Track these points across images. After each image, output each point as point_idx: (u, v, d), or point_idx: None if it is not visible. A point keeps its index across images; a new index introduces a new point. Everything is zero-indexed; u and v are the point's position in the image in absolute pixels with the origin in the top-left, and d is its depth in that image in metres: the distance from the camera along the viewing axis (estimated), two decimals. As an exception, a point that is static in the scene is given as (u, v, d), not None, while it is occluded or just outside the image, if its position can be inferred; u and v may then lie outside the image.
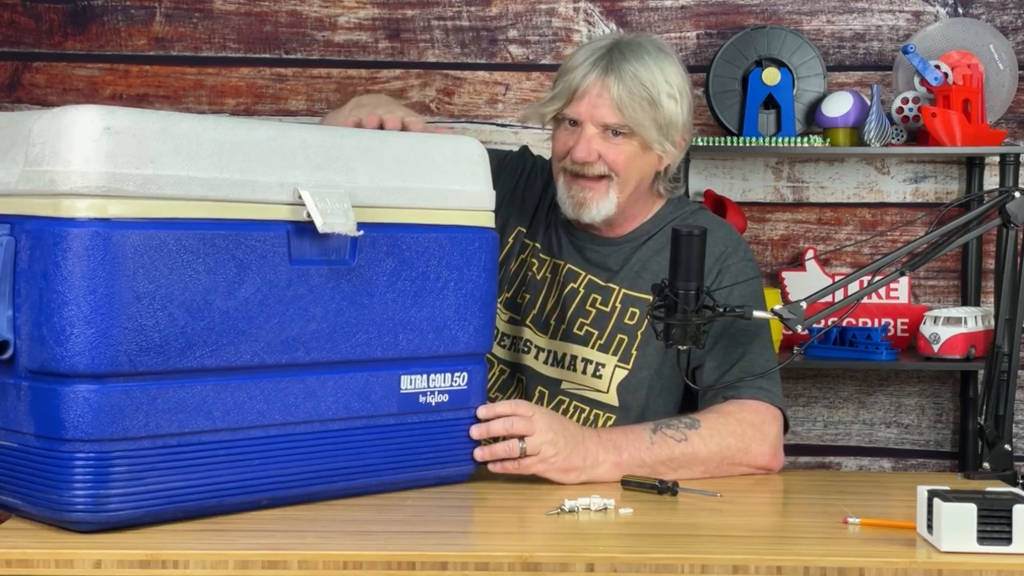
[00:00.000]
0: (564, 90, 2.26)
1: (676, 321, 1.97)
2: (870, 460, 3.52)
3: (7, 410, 1.74)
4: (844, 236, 3.50)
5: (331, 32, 3.47)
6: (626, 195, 2.28)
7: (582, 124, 2.25)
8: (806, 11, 3.47)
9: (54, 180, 1.67)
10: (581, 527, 1.83)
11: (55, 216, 1.67)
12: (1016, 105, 3.43)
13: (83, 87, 3.47)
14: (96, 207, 1.67)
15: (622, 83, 2.22)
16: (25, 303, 1.69)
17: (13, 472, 1.75)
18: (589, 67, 2.24)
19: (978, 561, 1.65)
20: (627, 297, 2.32)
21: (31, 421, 1.71)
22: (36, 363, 1.69)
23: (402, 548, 1.67)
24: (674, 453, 2.10)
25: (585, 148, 2.24)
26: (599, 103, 2.23)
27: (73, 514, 1.69)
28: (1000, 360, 2.18)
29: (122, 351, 1.69)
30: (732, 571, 1.64)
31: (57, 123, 1.68)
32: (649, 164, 2.30)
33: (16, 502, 1.77)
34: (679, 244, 1.96)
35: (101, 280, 1.67)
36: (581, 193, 2.27)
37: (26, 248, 1.69)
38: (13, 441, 1.74)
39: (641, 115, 2.23)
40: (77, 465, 1.69)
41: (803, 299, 2.05)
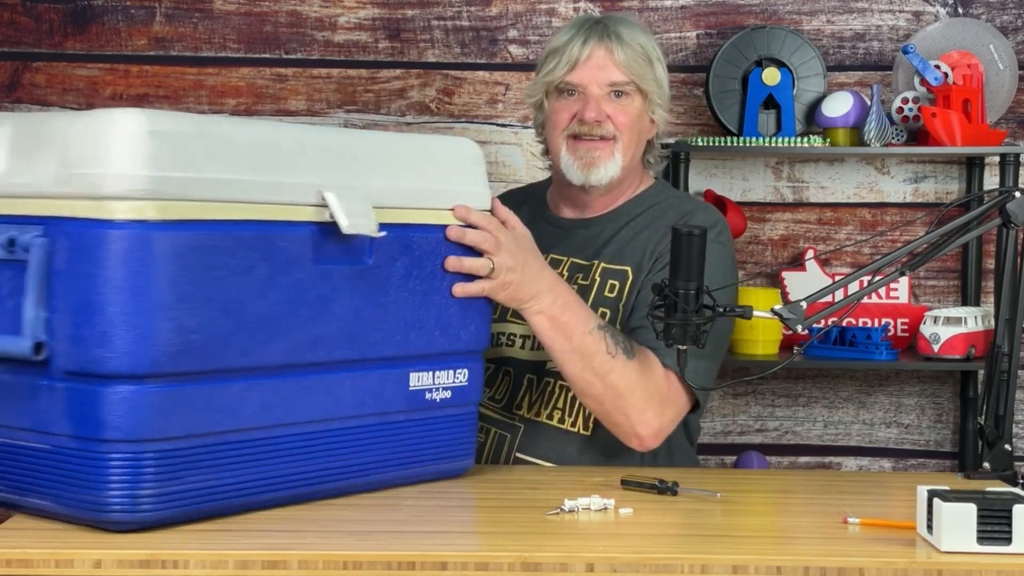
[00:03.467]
0: (565, 60, 2.36)
1: (676, 321, 1.97)
2: (870, 460, 3.52)
3: (38, 411, 1.74)
4: (844, 236, 3.50)
5: (331, 32, 3.47)
6: (629, 157, 2.38)
7: (586, 89, 2.35)
8: (806, 11, 3.47)
9: (95, 183, 1.68)
10: (581, 527, 1.83)
11: (97, 218, 1.68)
12: (1016, 105, 3.43)
13: (83, 87, 3.47)
14: (138, 209, 1.68)
15: (622, 44, 2.35)
16: (62, 304, 1.70)
17: (42, 473, 1.76)
18: (587, 35, 2.37)
19: (978, 561, 1.65)
20: (606, 270, 2.35)
21: (67, 422, 1.71)
22: (75, 364, 1.70)
23: (402, 548, 1.67)
24: (596, 356, 2.14)
25: (595, 107, 2.34)
26: (605, 64, 2.35)
27: (109, 514, 1.71)
28: (1000, 360, 2.18)
29: (162, 352, 1.70)
30: (732, 571, 1.64)
31: (98, 126, 1.70)
32: (645, 129, 2.41)
33: (44, 503, 1.77)
34: (679, 244, 1.96)
35: (143, 282, 1.68)
36: (589, 153, 2.36)
37: (64, 250, 1.70)
38: (44, 442, 1.74)
39: (643, 71, 2.36)
40: (114, 465, 1.70)
41: (803, 299, 2.05)
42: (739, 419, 3.53)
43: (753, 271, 3.50)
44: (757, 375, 2.94)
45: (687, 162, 3.30)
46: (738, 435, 3.53)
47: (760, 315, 2.06)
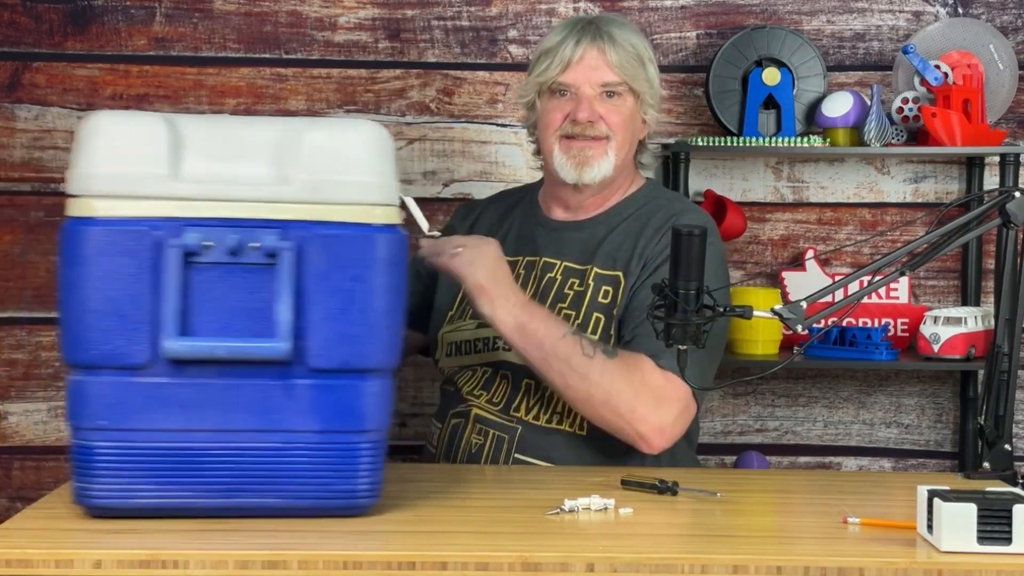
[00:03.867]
0: (558, 60, 2.37)
1: (676, 321, 1.98)
2: (870, 460, 3.52)
3: (280, 411, 1.79)
4: (844, 236, 3.50)
5: (331, 32, 3.47)
6: (622, 156, 2.39)
7: (579, 89, 2.36)
8: (806, 11, 3.47)
9: (347, 190, 1.80)
10: (581, 527, 1.83)
11: (360, 223, 1.80)
12: (1016, 105, 3.43)
13: (83, 87, 3.47)
14: (390, 214, 1.83)
15: (615, 44, 2.37)
16: (318, 305, 1.78)
17: (277, 471, 1.80)
18: (579, 36, 2.38)
19: (978, 561, 1.65)
20: (599, 276, 2.35)
21: (316, 417, 1.79)
22: (334, 362, 1.78)
23: (402, 548, 1.67)
24: (572, 360, 2.13)
25: (588, 108, 2.35)
26: (598, 64, 2.36)
27: (360, 500, 1.82)
28: (1000, 360, 2.18)
29: (398, 347, 1.85)
30: (732, 571, 1.64)
31: (345, 137, 1.82)
32: (637, 129, 2.43)
33: (272, 501, 1.80)
34: (679, 244, 1.96)
35: (398, 281, 1.83)
36: (582, 152, 2.37)
37: (319, 252, 1.77)
38: (282, 440, 1.80)
39: (635, 71, 2.38)
40: (364, 454, 1.82)
41: (803, 299, 2.05)
42: (739, 419, 3.53)
43: (753, 271, 3.50)
44: (757, 375, 2.94)
45: (687, 162, 3.30)
46: (738, 435, 3.53)
47: (760, 315, 2.06)
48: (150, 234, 1.76)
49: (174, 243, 1.75)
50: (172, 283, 1.75)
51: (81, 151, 1.78)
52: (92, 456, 1.78)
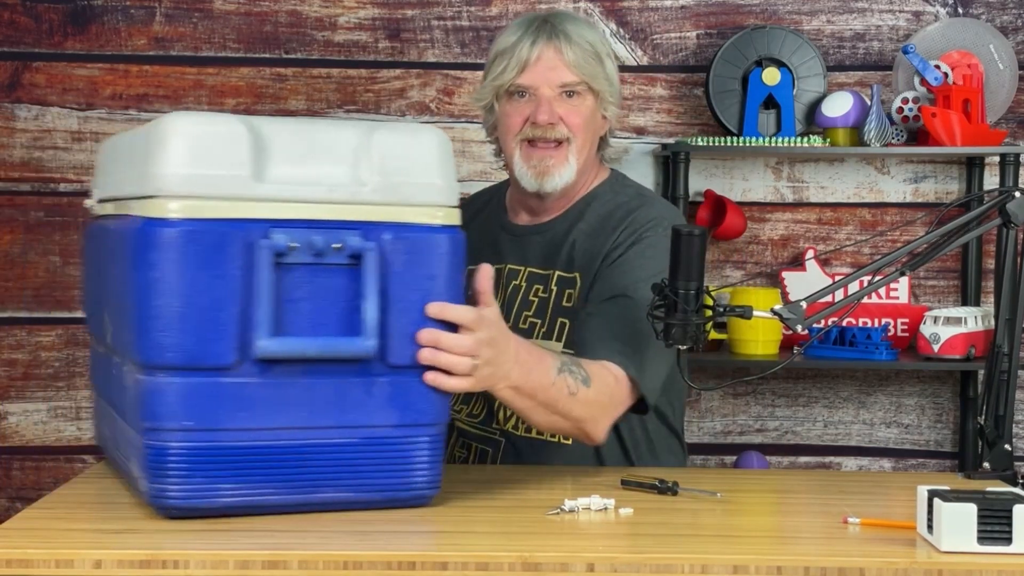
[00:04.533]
0: (514, 62, 2.31)
1: (676, 321, 1.97)
2: (870, 460, 3.52)
3: (364, 406, 1.83)
4: (844, 236, 3.50)
5: (331, 32, 3.47)
6: (582, 159, 2.34)
7: (537, 90, 2.31)
8: (806, 11, 3.47)
9: (416, 192, 1.85)
10: (581, 527, 1.83)
11: (428, 224, 1.85)
12: (1016, 105, 3.43)
13: (83, 87, 3.47)
14: (452, 215, 1.88)
15: (571, 44, 2.31)
16: (398, 304, 1.83)
17: (351, 464, 1.84)
18: (534, 35, 2.32)
19: (978, 561, 1.65)
20: (561, 279, 2.33)
21: (393, 413, 1.84)
22: (411, 358, 1.84)
23: (402, 548, 1.67)
24: (559, 402, 2.06)
25: (547, 110, 2.30)
26: (555, 64, 2.31)
27: (425, 491, 1.88)
28: (1000, 360, 2.18)
29: None
30: (732, 571, 1.64)
31: (413, 141, 1.86)
32: (597, 127, 2.38)
33: (344, 495, 1.84)
34: (679, 244, 1.96)
35: (460, 279, 1.88)
36: (543, 162, 2.32)
37: (399, 252, 1.82)
38: (354, 436, 1.83)
39: (593, 70, 2.32)
40: (422, 447, 1.86)
41: (803, 299, 2.05)
42: (739, 419, 3.53)
43: (753, 271, 3.50)
44: (757, 375, 2.94)
45: (687, 162, 3.30)
46: (738, 435, 3.53)
47: (760, 315, 2.06)
48: (237, 235, 1.75)
49: (264, 244, 1.76)
50: (264, 284, 1.76)
51: (157, 152, 1.76)
52: (169, 457, 1.76)
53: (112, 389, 1.98)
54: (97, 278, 2.04)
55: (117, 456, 1.99)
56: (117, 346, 1.89)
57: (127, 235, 1.79)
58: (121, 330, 1.84)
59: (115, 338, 1.90)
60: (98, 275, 2.03)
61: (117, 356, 1.91)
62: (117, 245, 1.86)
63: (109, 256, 1.92)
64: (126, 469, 1.92)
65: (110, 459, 2.09)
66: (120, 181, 1.95)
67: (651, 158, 3.46)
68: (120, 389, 1.89)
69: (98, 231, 2.05)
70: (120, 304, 1.83)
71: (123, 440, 1.91)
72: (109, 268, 1.92)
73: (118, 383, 1.91)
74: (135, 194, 1.82)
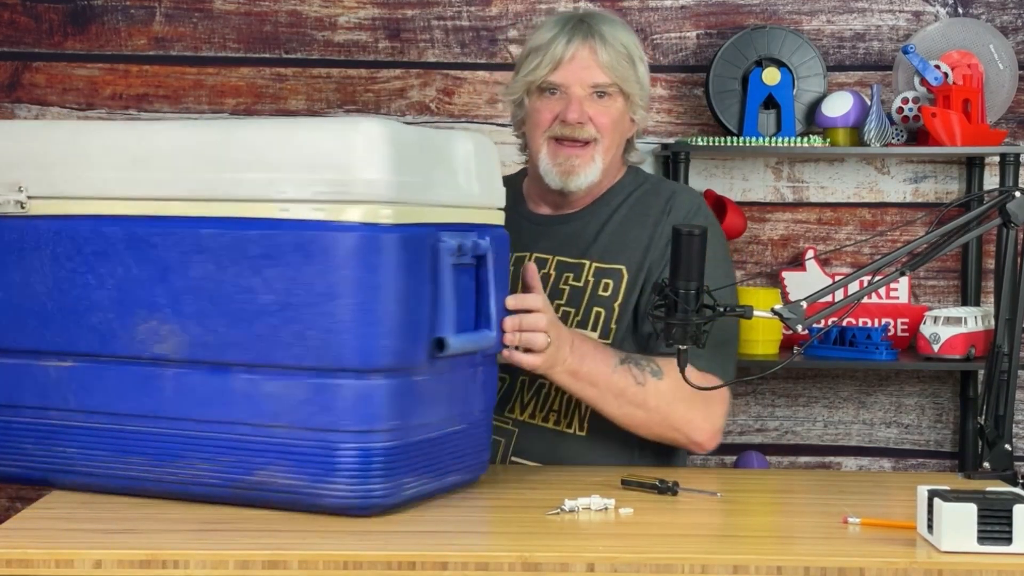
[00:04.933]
0: (547, 59, 2.33)
1: (676, 320, 1.97)
2: (870, 460, 3.52)
3: (469, 396, 1.97)
4: (844, 236, 3.50)
5: (331, 32, 3.47)
6: (608, 159, 2.36)
7: (569, 89, 2.32)
8: (806, 11, 3.47)
9: (489, 195, 2.01)
10: (581, 527, 1.83)
11: (497, 224, 2.03)
12: (1016, 105, 3.43)
13: (83, 87, 3.47)
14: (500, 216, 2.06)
15: (606, 45, 2.32)
16: (497, 299, 2.00)
17: (471, 447, 1.99)
18: (570, 34, 2.34)
19: (978, 561, 1.65)
20: (599, 270, 2.34)
21: (487, 398, 2.03)
22: (499, 347, 2.02)
23: (402, 548, 1.67)
24: (627, 391, 2.14)
25: (577, 109, 2.31)
26: (589, 64, 2.32)
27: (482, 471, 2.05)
28: (1000, 360, 2.17)
29: None
30: (732, 571, 1.64)
31: (483, 147, 2.00)
32: (625, 129, 2.39)
33: (478, 473, 2.04)
34: (679, 244, 1.96)
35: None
36: (569, 161, 2.34)
37: (496, 251, 1.97)
38: (475, 421, 2.00)
39: (625, 72, 2.34)
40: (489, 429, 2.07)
41: (803, 299, 2.05)
42: (739, 419, 3.53)
43: (753, 271, 3.50)
44: (757, 375, 2.93)
45: (687, 162, 3.30)
46: (738, 435, 3.53)
47: (760, 315, 2.06)
48: (428, 240, 1.84)
49: (444, 247, 1.86)
50: (448, 284, 1.86)
51: (362, 157, 1.78)
52: (375, 457, 1.80)
53: (155, 400, 1.89)
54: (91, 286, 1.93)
55: (159, 470, 1.90)
56: (210, 352, 1.83)
57: (317, 239, 1.77)
58: (276, 333, 1.79)
59: (220, 342, 1.83)
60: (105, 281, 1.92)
61: (182, 364, 1.86)
62: (252, 249, 1.81)
63: (191, 261, 1.85)
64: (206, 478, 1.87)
65: (60, 482, 1.98)
66: (196, 180, 1.87)
67: (651, 158, 3.46)
68: (212, 396, 1.84)
69: (93, 231, 1.93)
70: (274, 308, 1.79)
71: (221, 446, 1.85)
72: (190, 272, 1.85)
73: (195, 391, 1.85)
74: (340, 198, 1.79)
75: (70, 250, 1.91)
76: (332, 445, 1.79)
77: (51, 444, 1.95)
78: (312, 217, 1.78)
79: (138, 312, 1.87)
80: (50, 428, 1.95)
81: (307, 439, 1.80)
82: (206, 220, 1.84)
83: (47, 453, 1.95)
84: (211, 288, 1.82)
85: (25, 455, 1.97)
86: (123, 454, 1.90)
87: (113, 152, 1.91)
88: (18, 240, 1.94)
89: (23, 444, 1.97)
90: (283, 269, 1.78)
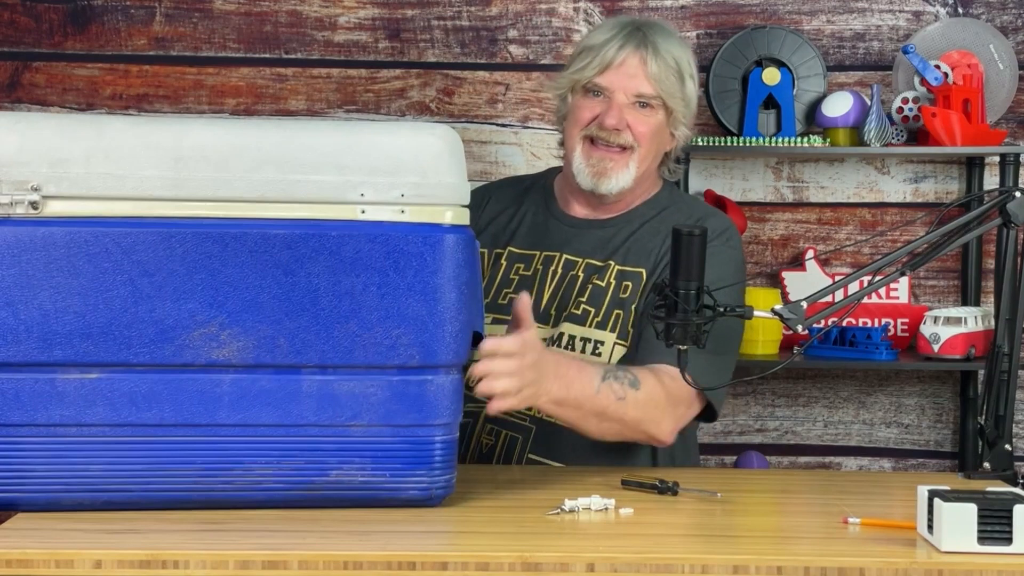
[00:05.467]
0: (597, 60, 2.33)
1: (676, 321, 1.97)
2: (870, 460, 3.52)
3: None
4: (844, 236, 3.50)
5: (331, 32, 3.47)
6: (643, 169, 2.35)
7: (612, 94, 2.33)
8: (806, 11, 3.47)
9: None
10: (581, 527, 1.83)
11: None
12: (1016, 105, 3.43)
13: (83, 87, 3.47)
14: None
15: (657, 56, 2.32)
16: None
17: None
18: (623, 40, 2.34)
19: (978, 561, 1.65)
20: (621, 272, 2.34)
21: None
22: None
23: (402, 548, 1.67)
24: (608, 409, 2.13)
25: (617, 115, 2.32)
26: (636, 73, 2.32)
27: None
28: (1000, 360, 2.17)
29: None
30: (732, 571, 1.64)
31: None
32: (664, 142, 2.39)
33: None
34: (679, 244, 1.96)
35: None
36: (602, 163, 2.34)
37: None
38: None
39: (671, 87, 2.34)
40: None
41: (803, 299, 2.05)
42: (739, 419, 3.53)
43: (753, 271, 3.50)
44: (757, 375, 2.94)
45: (687, 162, 3.30)
46: (738, 435, 3.53)
47: (760, 315, 2.06)
48: (474, 239, 1.92)
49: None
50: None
51: (444, 162, 1.87)
52: (439, 450, 1.89)
53: (208, 407, 1.84)
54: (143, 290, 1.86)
55: (221, 479, 1.87)
56: (279, 356, 1.83)
57: (400, 240, 1.83)
58: (358, 333, 1.83)
59: (286, 344, 1.83)
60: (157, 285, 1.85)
61: (242, 368, 1.84)
62: (331, 249, 1.82)
63: (278, 263, 1.84)
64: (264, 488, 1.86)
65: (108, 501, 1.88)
66: (276, 182, 1.85)
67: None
68: (279, 400, 1.84)
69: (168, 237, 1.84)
70: (354, 308, 1.82)
71: (281, 450, 1.85)
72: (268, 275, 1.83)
73: (259, 396, 1.84)
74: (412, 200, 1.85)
75: (101, 255, 1.79)
76: (421, 439, 1.86)
77: (64, 463, 1.81)
78: (392, 219, 1.83)
79: (193, 318, 1.80)
80: (65, 446, 1.81)
81: (391, 435, 1.85)
82: (276, 222, 1.82)
83: (58, 474, 1.81)
84: (282, 290, 1.81)
85: (32, 478, 1.81)
86: (162, 466, 1.82)
87: (151, 150, 1.82)
88: (29, 244, 1.79)
89: (31, 467, 1.81)
90: (364, 269, 1.82)
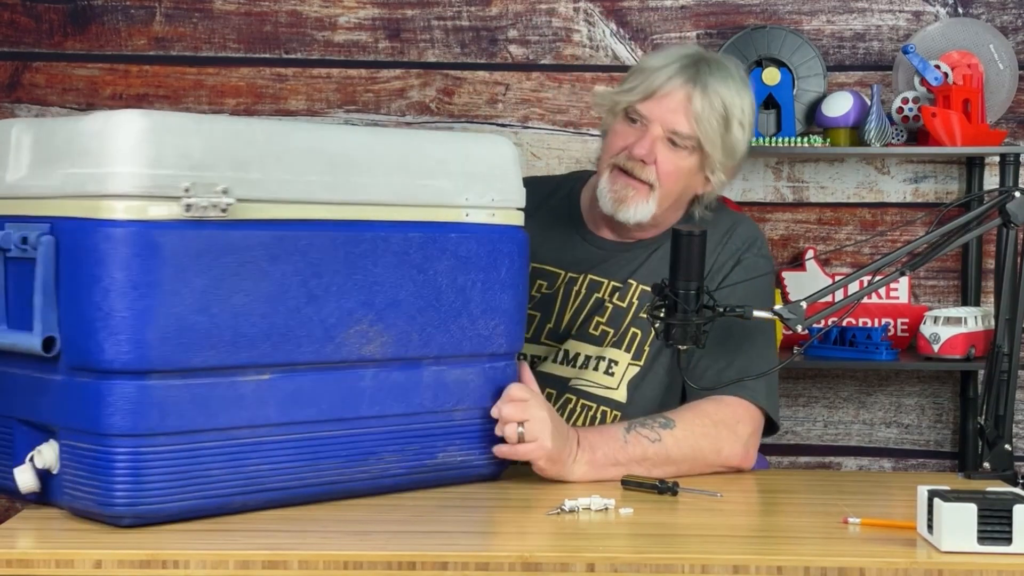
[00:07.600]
0: (643, 86, 2.26)
1: (676, 321, 1.97)
2: (870, 460, 3.52)
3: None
4: (844, 236, 3.50)
5: (331, 32, 3.47)
6: (663, 207, 2.29)
7: (649, 124, 2.25)
8: (806, 11, 3.47)
9: None
10: (581, 527, 1.83)
11: None
12: (1016, 105, 3.43)
13: (83, 87, 3.47)
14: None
15: (705, 96, 2.24)
16: None
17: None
18: (675, 71, 2.25)
19: (978, 561, 1.65)
20: (644, 293, 2.31)
21: None
22: None
23: (402, 548, 1.67)
24: (648, 453, 2.10)
25: (647, 146, 2.24)
26: (677, 108, 2.24)
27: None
28: (1000, 360, 2.18)
29: None
30: (732, 571, 1.64)
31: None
32: (694, 184, 2.32)
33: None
34: (679, 244, 1.96)
35: None
36: (624, 190, 2.27)
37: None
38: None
39: (712, 132, 2.25)
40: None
41: (803, 299, 2.05)
42: (739, 419, 3.53)
43: (753, 271, 3.50)
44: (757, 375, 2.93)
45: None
46: (738, 435, 3.53)
47: (760, 315, 2.06)
48: None
49: None
50: None
51: (513, 170, 2.05)
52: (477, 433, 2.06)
53: (353, 401, 1.92)
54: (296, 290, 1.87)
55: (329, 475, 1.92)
56: (410, 349, 1.96)
57: (494, 240, 2.02)
58: (467, 326, 2.00)
59: (401, 341, 1.95)
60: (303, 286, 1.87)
61: (377, 364, 1.93)
62: (451, 249, 1.98)
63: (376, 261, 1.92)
64: None
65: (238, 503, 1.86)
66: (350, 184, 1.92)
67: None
68: (407, 390, 1.96)
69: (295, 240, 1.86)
70: (463, 303, 2.00)
71: (376, 444, 1.94)
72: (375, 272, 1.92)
73: (393, 388, 1.95)
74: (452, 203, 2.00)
75: (282, 257, 1.81)
76: (491, 421, 2.03)
77: (239, 465, 1.81)
78: (487, 221, 2.02)
79: (351, 316, 1.88)
80: (240, 448, 1.81)
81: (479, 418, 2.03)
82: (411, 224, 1.96)
83: (233, 476, 1.80)
84: (415, 287, 1.95)
85: (209, 483, 1.78)
86: (314, 461, 1.87)
87: (310, 154, 1.87)
88: (223, 248, 1.76)
89: (210, 471, 1.78)
90: (473, 267, 2.00)
